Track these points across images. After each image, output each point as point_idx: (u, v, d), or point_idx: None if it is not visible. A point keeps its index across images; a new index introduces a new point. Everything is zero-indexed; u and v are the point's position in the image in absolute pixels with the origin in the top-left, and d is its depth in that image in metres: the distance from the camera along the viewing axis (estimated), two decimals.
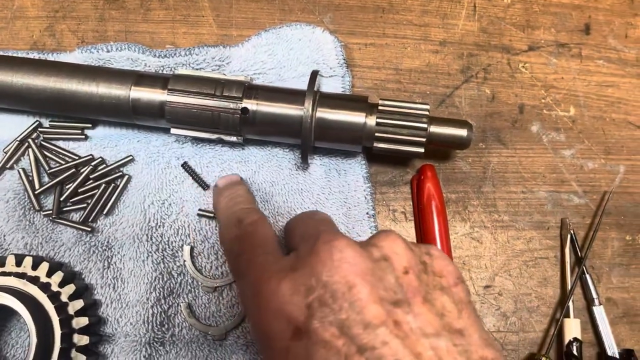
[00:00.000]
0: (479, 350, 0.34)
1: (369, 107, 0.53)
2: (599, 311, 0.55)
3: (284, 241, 0.49)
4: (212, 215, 0.56)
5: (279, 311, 0.35)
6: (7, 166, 0.58)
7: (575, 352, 0.53)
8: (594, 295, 0.56)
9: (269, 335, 0.36)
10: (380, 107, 0.53)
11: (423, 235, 0.57)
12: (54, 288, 0.53)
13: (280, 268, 0.38)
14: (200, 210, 0.57)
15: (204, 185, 0.57)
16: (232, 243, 0.44)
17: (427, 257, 0.39)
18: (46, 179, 0.58)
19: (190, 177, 0.57)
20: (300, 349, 0.34)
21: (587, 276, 0.56)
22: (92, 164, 0.57)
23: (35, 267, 0.53)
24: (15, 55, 0.59)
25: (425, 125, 0.52)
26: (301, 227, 0.44)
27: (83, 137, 0.59)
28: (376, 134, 0.53)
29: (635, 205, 0.59)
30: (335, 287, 0.34)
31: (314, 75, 0.54)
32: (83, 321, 0.52)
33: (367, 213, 0.57)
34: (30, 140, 0.58)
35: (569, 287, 0.56)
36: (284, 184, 0.58)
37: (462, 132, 0.53)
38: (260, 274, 0.39)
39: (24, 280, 0.52)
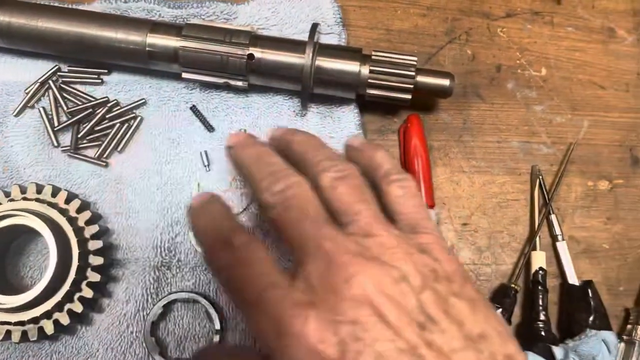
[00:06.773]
0: (501, 349, 0.36)
1: (363, 57, 0.59)
2: (562, 246, 0.62)
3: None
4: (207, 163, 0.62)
5: (312, 352, 0.35)
6: (29, 105, 0.63)
7: (540, 280, 0.60)
8: (558, 232, 0.62)
9: None
10: (373, 57, 0.59)
11: None
12: (72, 214, 0.58)
13: (296, 303, 0.36)
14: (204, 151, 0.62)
15: (209, 128, 0.63)
16: (226, 273, 0.40)
17: (436, 263, 0.39)
18: (64, 118, 0.63)
19: (198, 120, 0.63)
20: None
21: (553, 216, 0.63)
22: (108, 105, 0.63)
23: (54, 195, 0.58)
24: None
25: (413, 74, 0.58)
26: (294, 225, 0.40)
27: (99, 81, 0.64)
28: (369, 81, 0.59)
29: (597, 155, 0.66)
30: (364, 320, 0.35)
31: (314, 27, 0.60)
32: (98, 244, 0.57)
33: None
34: (50, 82, 0.63)
35: (537, 225, 0.62)
36: None
37: (445, 82, 0.60)
38: (278, 313, 0.36)
39: (45, 205, 0.57)
